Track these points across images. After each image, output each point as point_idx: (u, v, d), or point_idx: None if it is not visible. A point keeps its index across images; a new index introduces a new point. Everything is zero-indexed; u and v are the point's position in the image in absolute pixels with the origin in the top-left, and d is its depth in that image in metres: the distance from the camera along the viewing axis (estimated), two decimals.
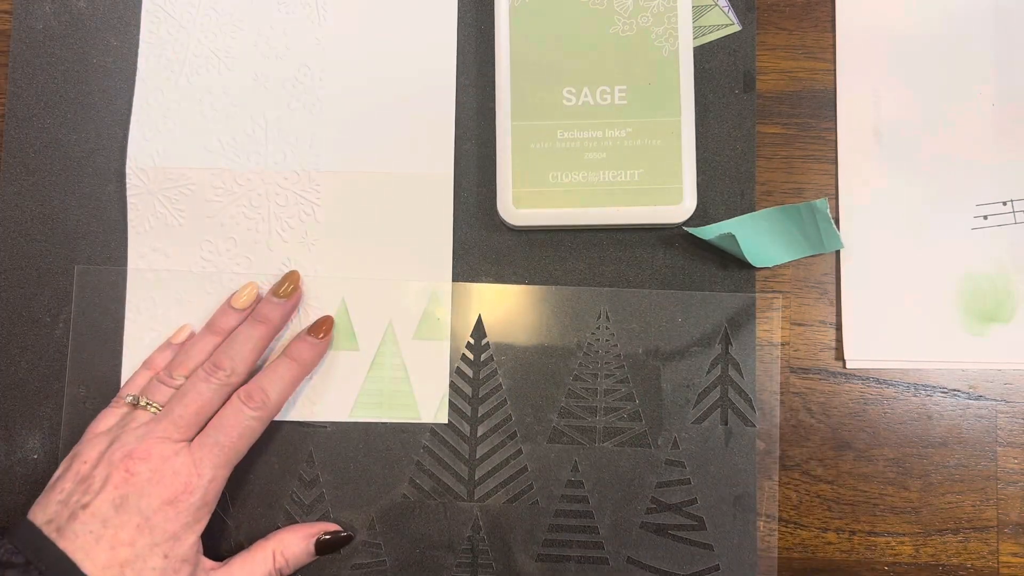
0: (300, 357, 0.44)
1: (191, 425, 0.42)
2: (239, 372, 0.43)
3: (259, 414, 0.43)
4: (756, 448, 0.46)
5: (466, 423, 0.46)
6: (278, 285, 0.45)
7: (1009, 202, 0.46)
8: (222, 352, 0.44)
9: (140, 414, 0.43)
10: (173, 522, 0.40)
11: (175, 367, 0.44)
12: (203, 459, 0.41)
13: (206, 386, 0.42)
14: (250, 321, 0.45)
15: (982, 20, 0.47)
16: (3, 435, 0.46)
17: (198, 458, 0.41)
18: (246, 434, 0.42)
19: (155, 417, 0.42)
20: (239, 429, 0.42)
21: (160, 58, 0.48)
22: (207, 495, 0.41)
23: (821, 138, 0.47)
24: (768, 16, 0.48)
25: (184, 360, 0.44)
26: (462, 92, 0.48)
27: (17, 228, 0.47)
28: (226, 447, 0.42)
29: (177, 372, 0.44)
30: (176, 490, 0.40)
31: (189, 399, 0.42)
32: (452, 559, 0.46)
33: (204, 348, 0.44)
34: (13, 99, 0.48)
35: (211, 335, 0.45)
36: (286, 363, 0.44)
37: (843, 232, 0.46)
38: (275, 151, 0.47)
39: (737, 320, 0.46)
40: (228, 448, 0.42)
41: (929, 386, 0.46)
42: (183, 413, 0.42)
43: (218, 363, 0.43)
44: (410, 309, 0.47)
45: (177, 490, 0.40)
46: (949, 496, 0.45)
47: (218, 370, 0.43)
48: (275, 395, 0.43)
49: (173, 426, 0.41)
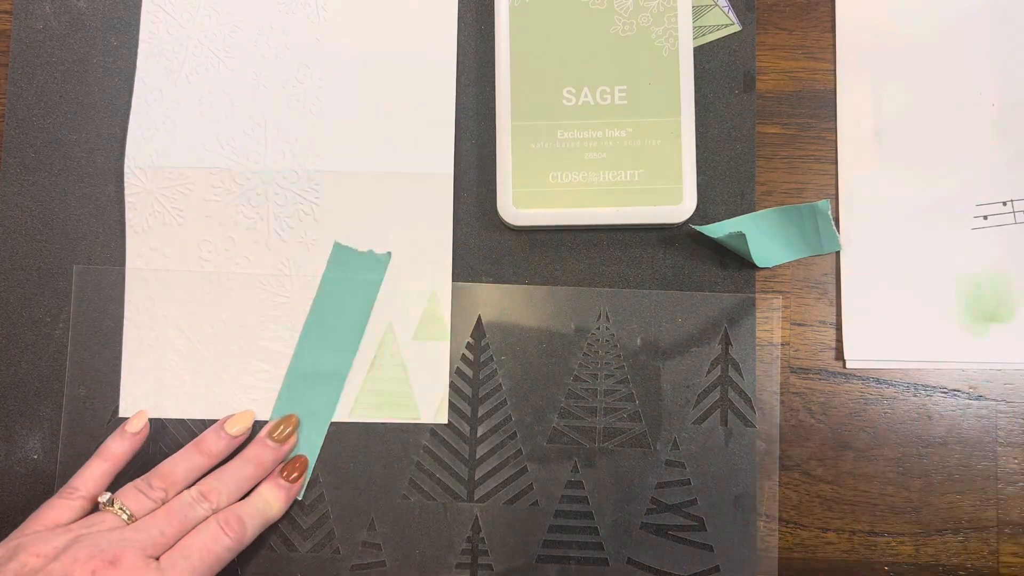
0: (278, 500, 0.44)
1: (168, 545, 0.40)
2: (223, 507, 0.42)
3: (235, 546, 0.41)
4: (756, 448, 0.46)
5: (466, 423, 0.46)
6: (274, 427, 0.44)
7: (1009, 202, 0.46)
8: (210, 485, 0.42)
9: (109, 517, 0.40)
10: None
11: (155, 479, 0.42)
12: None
13: (194, 513, 0.41)
14: (242, 460, 0.44)
15: (982, 20, 0.47)
16: (3, 435, 0.46)
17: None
18: (217, 564, 0.41)
19: (132, 526, 0.40)
20: (214, 555, 0.40)
21: (160, 58, 0.48)
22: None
23: (821, 138, 0.47)
24: (768, 16, 0.48)
25: (166, 475, 0.42)
26: (462, 92, 0.48)
27: (17, 228, 0.47)
28: (197, 572, 0.40)
29: (157, 484, 0.42)
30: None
31: (175, 521, 0.40)
32: (452, 559, 0.46)
33: (189, 468, 0.43)
34: (13, 99, 0.48)
35: (198, 455, 0.43)
36: (264, 501, 0.43)
37: (843, 232, 0.46)
38: (274, 151, 0.47)
39: (737, 320, 0.46)
40: (199, 574, 0.40)
41: (929, 386, 0.46)
42: (165, 531, 0.40)
43: (206, 494, 0.42)
44: (410, 309, 0.47)
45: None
46: (949, 496, 0.45)
47: (204, 500, 0.41)
48: (251, 530, 0.42)
49: (151, 542, 0.39)
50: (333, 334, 0.46)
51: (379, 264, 0.47)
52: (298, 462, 0.45)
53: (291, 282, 0.47)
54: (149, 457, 0.45)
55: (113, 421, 0.46)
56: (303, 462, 0.45)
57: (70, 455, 0.46)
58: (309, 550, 0.46)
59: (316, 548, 0.46)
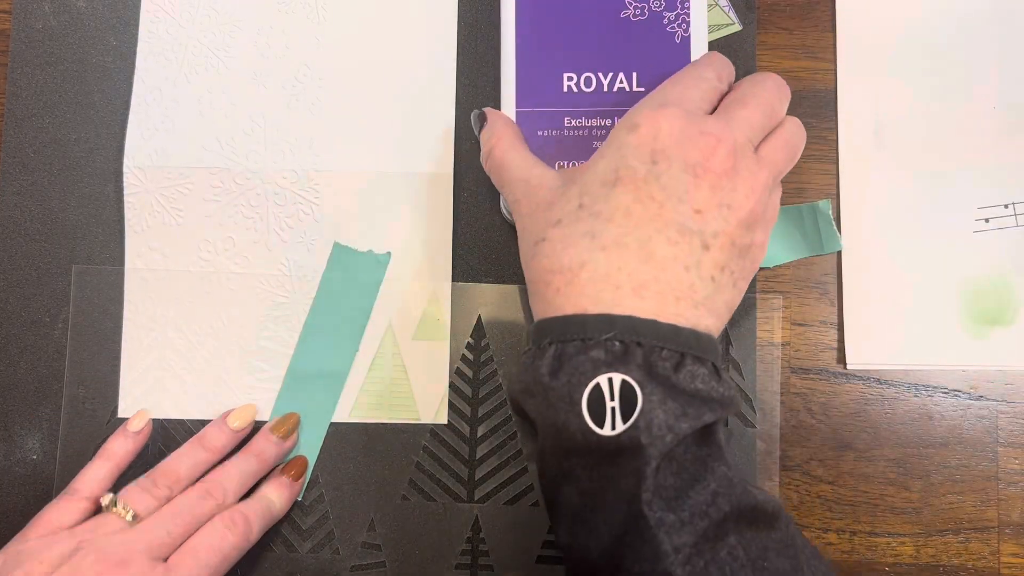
0: (281, 498, 0.43)
1: (174, 546, 0.39)
2: (228, 504, 0.42)
3: (243, 544, 0.41)
4: (756, 449, 0.46)
5: (466, 424, 0.46)
6: (278, 424, 0.44)
7: (1011, 205, 0.46)
8: (215, 481, 0.42)
9: (112, 519, 0.40)
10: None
11: (159, 476, 0.42)
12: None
13: (200, 510, 0.40)
14: (245, 454, 0.43)
15: (983, 21, 0.47)
16: (2, 435, 0.46)
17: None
18: (225, 564, 0.40)
19: (136, 528, 0.39)
20: (222, 554, 0.40)
21: (159, 57, 0.48)
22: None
23: (822, 138, 0.47)
24: (768, 16, 0.48)
25: (170, 472, 0.42)
26: (462, 92, 0.48)
27: (16, 228, 0.47)
28: (205, 573, 0.39)
29: (161, 482, 0.41)
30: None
31: (181, 520, 0.40)
32: (452, 560, 0.46)
33: (193, 464, 0.42)
34: (12, 99, 0.48)
35: (201, 450, 0.43)
36: (267, 499, 0.43)
37: (844, 232, 0.46)
38: (274, 151, 0.47)
39: (737, 320, 0.46)
40: (208, 574, 0.39)
41: (930, 386, 0.46)
42: (171, 531, 0.39)
43: (211, 491, 0.41)
44: (410, 309, 0.47)
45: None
46: (950, 497, 0.45)
47: (210, 497, 0.41)
48: (257, 528, 0.41)
49: (158, 543, 0.39)
50: (333, 334, 0.46)
51: (379, 264, 0.47)
52: (298, 461, 0.45)
53: (291, 282, 0.47)
54: (149, 458, 0.45)
55: (113, 421, 0.46)
56: (303, 461, 0.45)
57: (69, 455, 0.46)
58: (309, 551, 0.46)
59: (316, 549, 0.46)
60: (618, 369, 0.34)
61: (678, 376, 0.35)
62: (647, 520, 0.33)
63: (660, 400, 0.34)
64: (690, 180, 0.36)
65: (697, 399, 0.35)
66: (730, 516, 0.34)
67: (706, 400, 0.35)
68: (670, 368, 0.35)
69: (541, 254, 0.38)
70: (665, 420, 0.34)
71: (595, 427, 0.34)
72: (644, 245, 0.36)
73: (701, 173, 0.36)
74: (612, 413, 0.34)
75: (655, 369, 0.34)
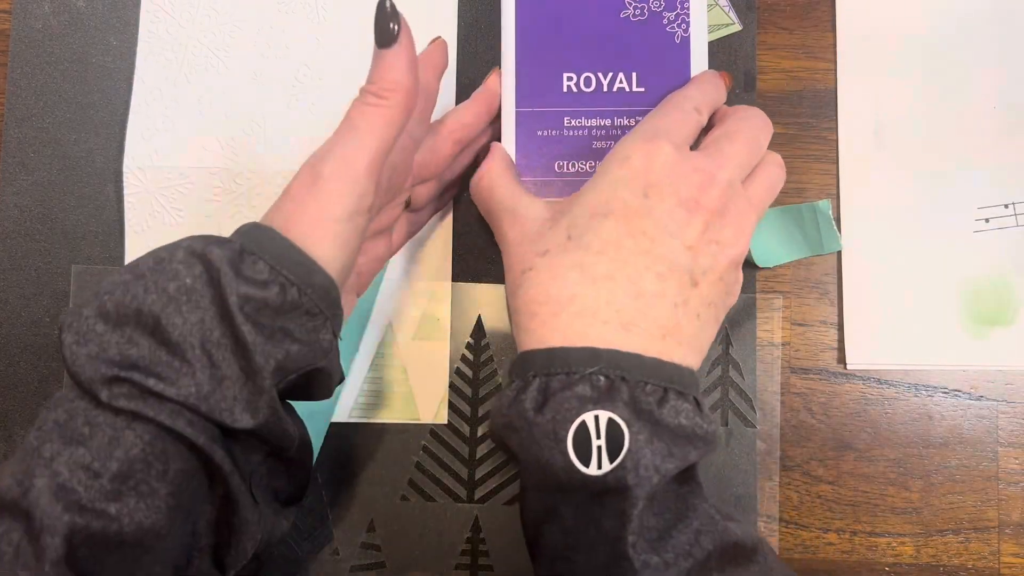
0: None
1: None
2: None
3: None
4: (757, 449, 0.46)
5: (466, 424, 0.46)
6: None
7: (1011, 205, 0.46)
8: None
9: None
10: None
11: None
12: None
13: None
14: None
15: (983, 21, 0.47)
16: (2, 435, 0.46)
17: None
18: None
19: None
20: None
21: (159, 57, 0.48)
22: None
23: (822, 138, 0.47)
24: (768, 16, 0.48)
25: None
26: (462, 92, 0.48)
27: (16, 228, 0.47)
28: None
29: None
30: None
31: None
32: (452, 560, 0.46)
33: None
34: (12, 99, 0.48)
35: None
36: None
37: (844, 232, 0.46)
38: (274, 151, 0.47)
39: (737, 320, 0.46)
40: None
41: (930, 386, 0.46)
42: None
43: None
44: (410, 309, 0.47)
45: None
46: (950, 496, 0.45)
47: None
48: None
49: None
50: None
51: None
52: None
53: None
54: None
55: None
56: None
57: None
58: (308, 551, 0.46)
59: (315, 549, 0.46)
60: (604, 406, 0.34)
61: (662, 411, 0.34)
62: (631, 563, 0.33)
63: (647, 440, 0.33)
64: (683, 215, 0.36)
65: (682, 437, 0.34)
66: (713, 555, 0.34)
67: (690, 438, 0.35)
68: (654, 403, 0.34)
69: (528, 283, 0.37)
70: (652, 460, 0.33)
71: (581, 466, 0.33)
72: (634, 280, 0.36)
73: (694, 208, 0.36)
74: (598, 452, 0.33)
75: (640, 406, 0.34)
